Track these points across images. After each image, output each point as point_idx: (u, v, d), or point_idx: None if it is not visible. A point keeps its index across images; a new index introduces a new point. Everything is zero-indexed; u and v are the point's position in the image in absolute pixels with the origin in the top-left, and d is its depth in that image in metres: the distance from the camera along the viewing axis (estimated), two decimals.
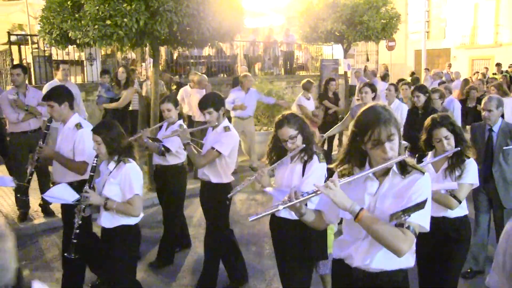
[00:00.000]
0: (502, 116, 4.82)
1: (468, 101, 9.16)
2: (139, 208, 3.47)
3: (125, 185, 3.39)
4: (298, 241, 3.33)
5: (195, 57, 13.77)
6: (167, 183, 5.02)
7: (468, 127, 6.40)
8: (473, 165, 3.43)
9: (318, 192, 2.09)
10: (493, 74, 17.60)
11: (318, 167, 3.20)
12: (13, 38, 10.72)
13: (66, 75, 7.20)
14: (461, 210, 3.45)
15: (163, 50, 12.27)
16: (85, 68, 10.98)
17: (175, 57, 13.48)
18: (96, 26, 6.17)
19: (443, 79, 14.61)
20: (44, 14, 6.85)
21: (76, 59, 11.30)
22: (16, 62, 9.75)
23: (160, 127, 5.08)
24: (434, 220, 3.20)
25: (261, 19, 16.56)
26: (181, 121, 4.93)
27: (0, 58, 11.64)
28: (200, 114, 8.41)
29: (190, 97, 8.88)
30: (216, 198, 4.24)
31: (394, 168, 2.20)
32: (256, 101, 9.03)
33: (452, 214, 3.41)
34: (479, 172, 4.45)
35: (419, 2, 24.38)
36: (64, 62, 7.42)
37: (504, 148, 4.55)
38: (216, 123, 4.20)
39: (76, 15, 6.41)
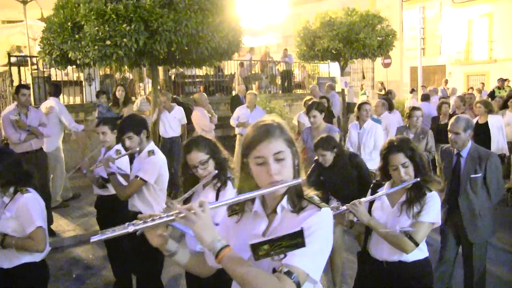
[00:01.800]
0: (481, 139, 4.35)
1: (440, 117, 7.93)
2: (44, 242, 3.04)
3: (24, 218, 3.00)
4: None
5: (193, 76, 13.87)
6: (109, 213, 4.55)
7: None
8: (435, 200, 2.87)
9: (180, 215, 1.57)
10: (497, 88, 16.60)
11: (232, 194, 2.80)
12: (13, 59, 10.80)
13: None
14: (420, 252, 2.89)
15: (161, 70, 12.37)
16: (84, 88, 11.04)
17: (173, 77, 13.56)
18: (96, 47, 6.25)
19: (440, 94, 14.75)
20: (45, 35, 6.93)
21: (75, 79, 11.37)
22: (16, 83, 9.81)
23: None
24: (389, 266, 2.87)
25: (258, 38, 16.76)
26: (118, 146, 4.37)
27: None
28: (202, 130, 8.51)
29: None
30: None
31: (284, 202, 1.71)
32: None
33: (410, 257, 2.85)
34: (446, 203, 4.08)
35: (414, 19, 24.70)
36: (58, 84, 7.54)
37: (472, 176, 3.98)
38: (138, 148, 3.82)
39: (76, 36, 6.49)
